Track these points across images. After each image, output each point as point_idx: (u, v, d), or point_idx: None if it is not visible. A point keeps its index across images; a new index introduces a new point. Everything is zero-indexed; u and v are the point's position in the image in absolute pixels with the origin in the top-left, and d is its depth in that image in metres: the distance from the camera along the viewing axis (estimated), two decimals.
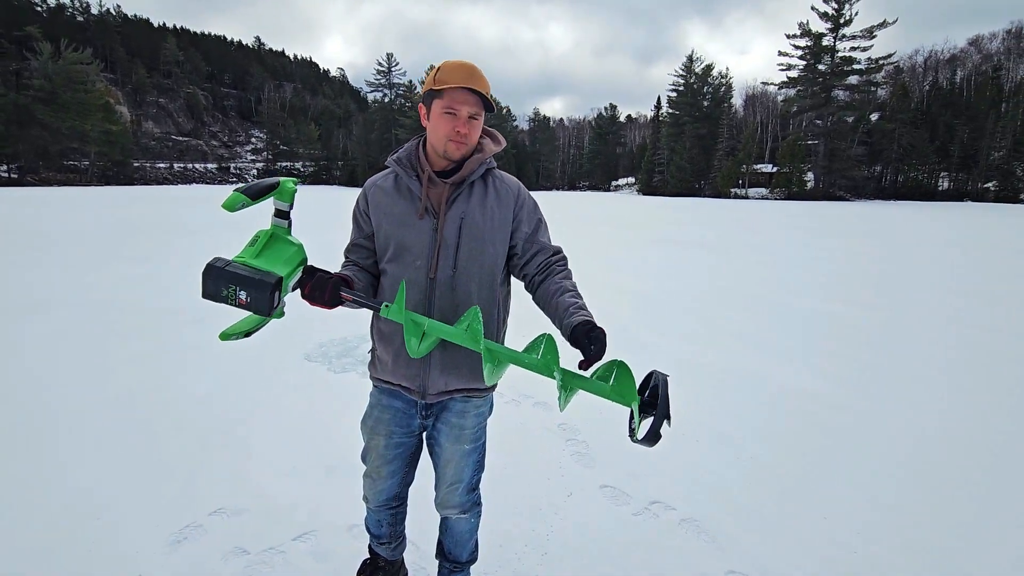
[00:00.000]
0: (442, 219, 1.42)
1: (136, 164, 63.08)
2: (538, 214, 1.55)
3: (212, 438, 2.86)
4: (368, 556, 1.84)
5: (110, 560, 1.94)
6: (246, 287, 1.16)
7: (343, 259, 1.59)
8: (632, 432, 1.14)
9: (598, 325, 1.26)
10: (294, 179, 1.29)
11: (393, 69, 78.24)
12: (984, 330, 5.54)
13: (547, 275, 1.48)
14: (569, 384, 1.19)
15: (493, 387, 1.58)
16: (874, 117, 52.38)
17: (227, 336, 1.27)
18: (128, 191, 40.28)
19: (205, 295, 1.19)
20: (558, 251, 1.54)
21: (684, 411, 3.35)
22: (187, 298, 6.05)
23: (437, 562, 1.78)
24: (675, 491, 2.47)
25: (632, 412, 1.16)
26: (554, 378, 1.19)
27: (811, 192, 51.43)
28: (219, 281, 1.17)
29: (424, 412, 1.56)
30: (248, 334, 1.31)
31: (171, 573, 1.89)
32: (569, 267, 1.53)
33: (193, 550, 2.00)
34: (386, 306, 1.29)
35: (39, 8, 77.46)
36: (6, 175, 49.46)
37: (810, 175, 53.34)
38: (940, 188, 50.17)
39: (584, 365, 1.24)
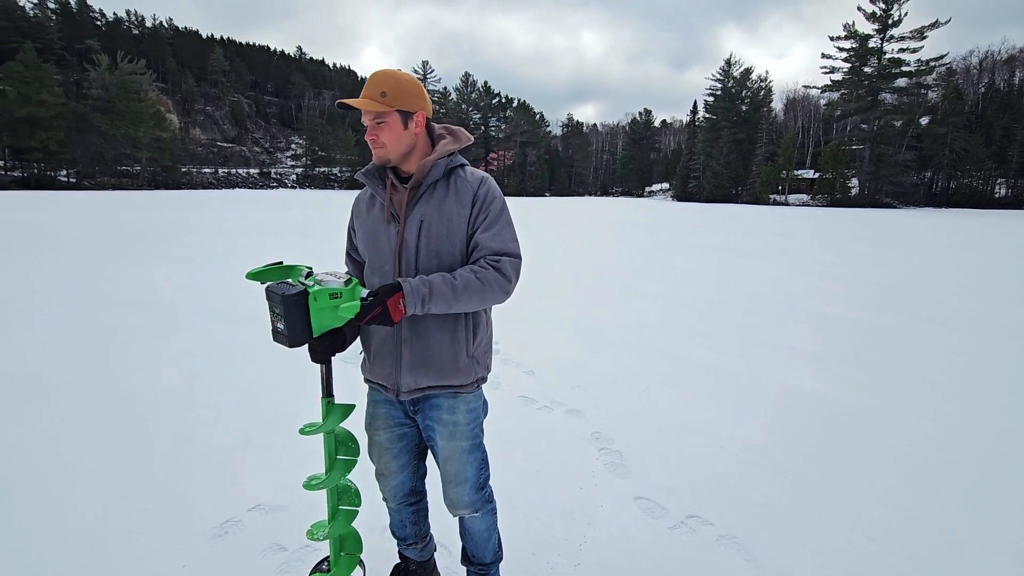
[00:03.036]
0: (403, 223, 1.45)
1: (183, 169, 65.85)
2: (493, 212, 1.45)
3: (255, 436, 2.94)
4: (399, 560, 1.85)
5: (155, 551, 2.01)
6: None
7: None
8: None
9: (396, 290, 1.32)
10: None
11: (428, 76, 79.50)
12: None
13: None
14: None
15: (476, 381, 1.54)
16: (924, 121, 50.14)
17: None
18: (175, 195, 42.06)
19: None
20: (497, 254, 1.42)
21: (720, 423, 3.27)
22: (229, 298, 6.26)
23: (464, 569, 1.78)
24: (713, 505, 2.40)
25: None
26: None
27: (855, 199, 49.59)
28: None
29: (411, 408, 1.58)
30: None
31: (212, 566, 1.94)
32: (499, 269, 1.40)
33: (233, 544, 2.06)
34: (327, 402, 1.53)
35: (99, 23, 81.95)
36: (65, 179, 52.37)
37: (854, 181, 51.47)
38: (997, 195, 47.60)
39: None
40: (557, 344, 4.81)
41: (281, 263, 1.37)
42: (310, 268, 1.36)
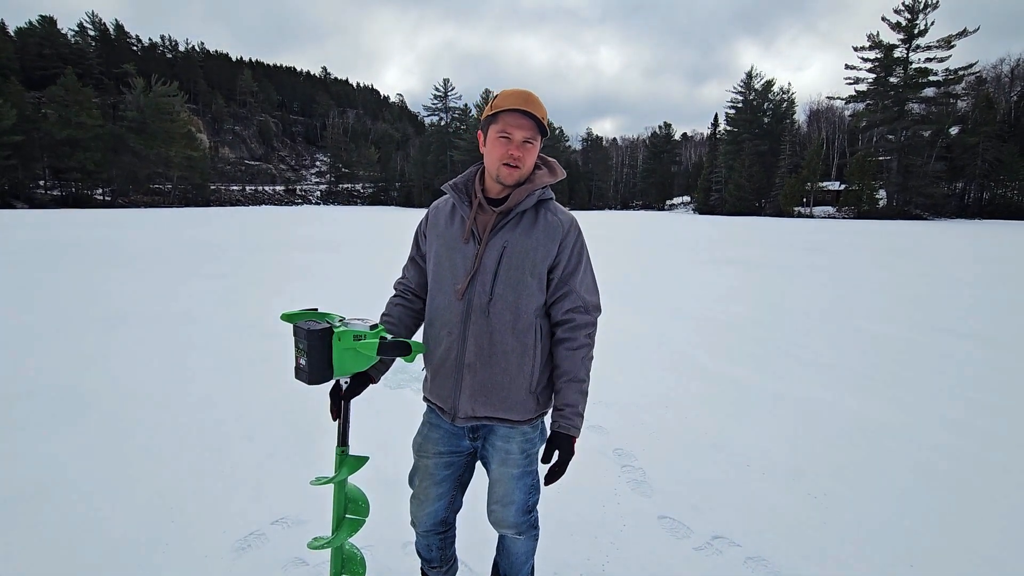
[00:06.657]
0: (483, 245, 1.43)
1: (213, 187, 67.88)
2: (582, 256, 1.50)
3: (280, 449, 2.97)
4: None
5: (181, 562, 2.04)
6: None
7: (400, 274, 1.68)
8: None
9: (573, 440, 1.45)
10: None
11: (449, 93, 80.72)
12: None
13: (564, 341, 1.48)
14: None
15: (537, 417, 1.54)
16: (954, 131, 48.92)
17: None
18: (205, 212, 43.27)
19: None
20: (588, 309, 1.49)
21: (747, 440, 3.19)
22: (257, 313, 6.38)
23: None
24: (740, 526, 2.33)
25: None
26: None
27: (883, 211, 48.46)
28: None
29: (471, 434, 1.56)
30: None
31: None
32: (591, 335, 1.50)
33: (256, 557, 2.07)
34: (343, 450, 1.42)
35: (135, 48, 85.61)
36: (101, 198, 54.40)
37: (882, 192, 50.35)
38: None
39: (547, 479, 1.43)
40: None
41: (316, 309, 1.39)
42: (343, 317, 1.38)
